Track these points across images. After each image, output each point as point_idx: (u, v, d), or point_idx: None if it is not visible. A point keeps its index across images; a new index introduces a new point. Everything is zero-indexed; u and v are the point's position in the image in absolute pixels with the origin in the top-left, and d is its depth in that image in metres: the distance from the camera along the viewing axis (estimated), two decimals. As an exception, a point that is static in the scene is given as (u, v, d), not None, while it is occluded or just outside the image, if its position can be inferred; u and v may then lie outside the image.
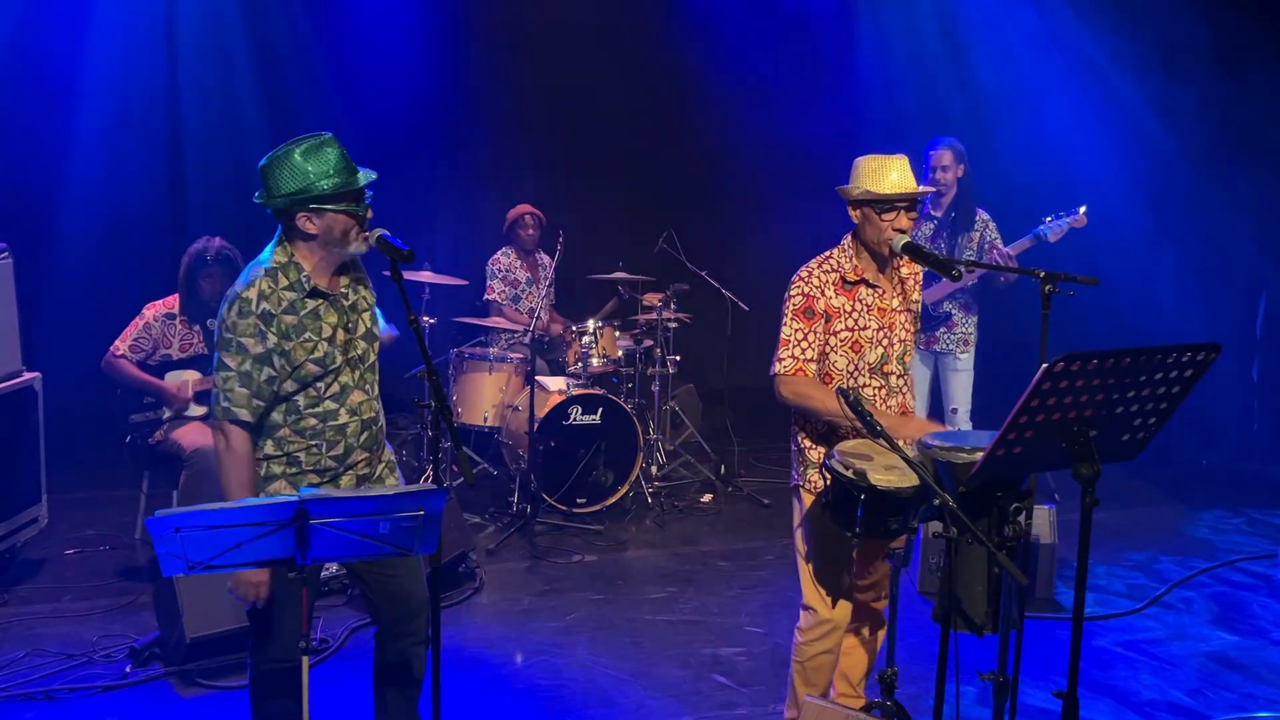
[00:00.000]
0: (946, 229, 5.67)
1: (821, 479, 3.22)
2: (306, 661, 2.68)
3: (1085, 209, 5.42)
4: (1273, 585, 5.47)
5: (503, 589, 5.16)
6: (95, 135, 7.15)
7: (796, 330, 3.34)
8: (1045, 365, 2.37)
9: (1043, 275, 3.05)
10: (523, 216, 7.09)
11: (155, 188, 7.38)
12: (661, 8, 8.43)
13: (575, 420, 6.12)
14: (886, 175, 3.28)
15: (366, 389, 3.08)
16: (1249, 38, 7.87)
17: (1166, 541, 6.09)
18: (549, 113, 8.45)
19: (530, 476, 5.96)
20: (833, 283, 3.35)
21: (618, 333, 6.73)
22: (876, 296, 3.38)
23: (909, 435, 3.19)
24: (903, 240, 3.26)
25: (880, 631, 3.60)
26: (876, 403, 3.39)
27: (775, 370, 3.36)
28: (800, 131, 8.24)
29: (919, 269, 3.51)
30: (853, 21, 8.74)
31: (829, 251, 3.42)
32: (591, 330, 6.47)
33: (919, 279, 3.55)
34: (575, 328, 6.58)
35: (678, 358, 6.95)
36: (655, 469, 6.81)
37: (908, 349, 3.47)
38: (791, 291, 3.37)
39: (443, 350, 6.85)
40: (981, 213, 5.67)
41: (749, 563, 5.58)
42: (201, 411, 5.13)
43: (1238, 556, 5.83)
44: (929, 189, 3.64)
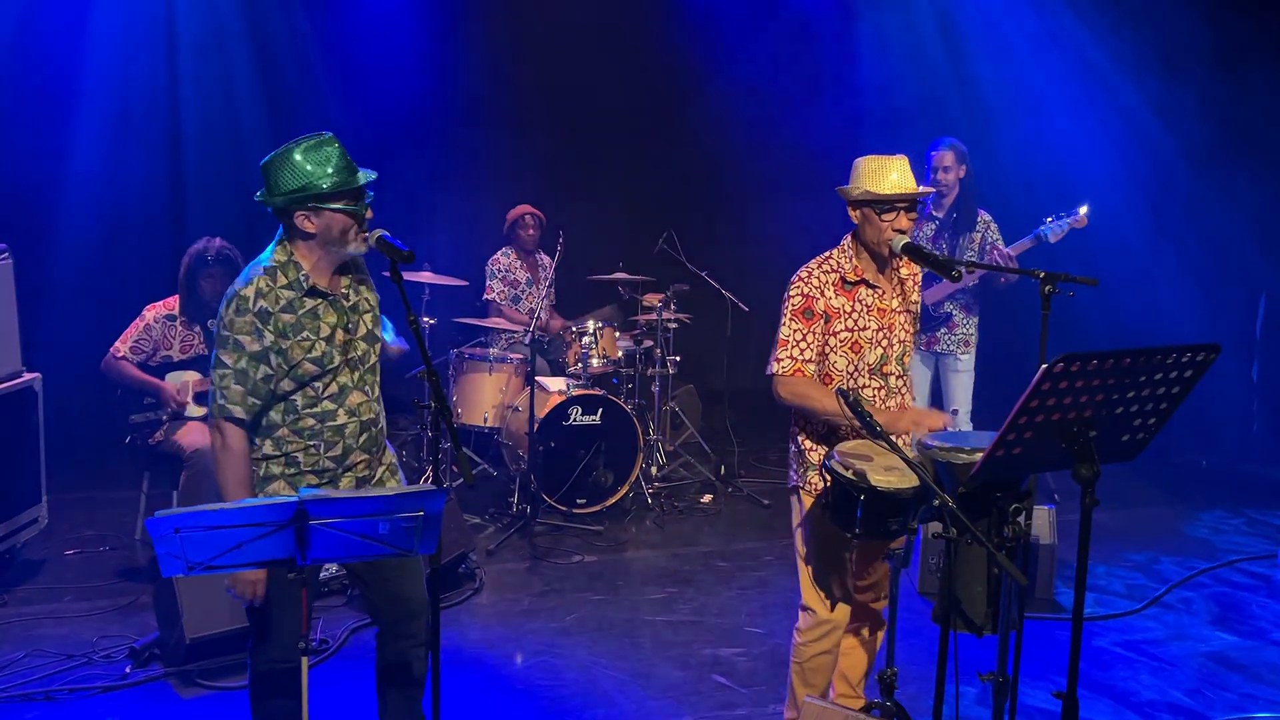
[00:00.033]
0: (948, 229, 5.66)
1: (821, 480, 3.22)
2: (306, 662, 2.68)
3: (1086, 209, 5.41)
4: (1272, 586, 5.47)
5: (502, 590, 5.16)
6: (95, 135, 7.15)
7: (795, 330, 3.33)
8: (1045, 366, 2.37)
9: (1042, 276, 3.05)
10: (523, 217, 7.09)
11: (155, 188, 7.38)
12: (661, 8, 8.43)
13: (575, 421, 6.12)
14: (886, 176, 3.27)
15: (366, 390, 3.08)
16: (1249, 38, 7.87)
17: (1166, 542, 6.09)
18: (549, 113, 8.45)
19: (530, 477, 5.96)
20: (832, 283, 3.35)
21: (618, 333, 6.73)
22: (876, 297, 3.38)
23: (905, 427, 3.19)
24: (903, 241, 3.26)
25: (880, 632, 3.60)
26: (876, 403, 3.38)
27: (773, 370, 3.36)
28: (800, 132, 8.25)
29: (918, 269, 3.51)
30: (852, 22, 8.75)
31: (828, 252, 3.42)
32: (591, 331, 6.47)
33: (918, 279, 3.55)
34: (575, 328, 6.58)
35: (678, 358, 6.95)
36: (655, 470, 6.81)
37: (907, 350, 3.47)
38: (791, 292, 3.37)
39: (443, 351, 6.85)
40: (983, 213, 5.66)
41: (749, 563, 5.58)
42: (201, 412, 5.13)
43: (1237, 557, 5.83)
44: (929, 189, 3.64)
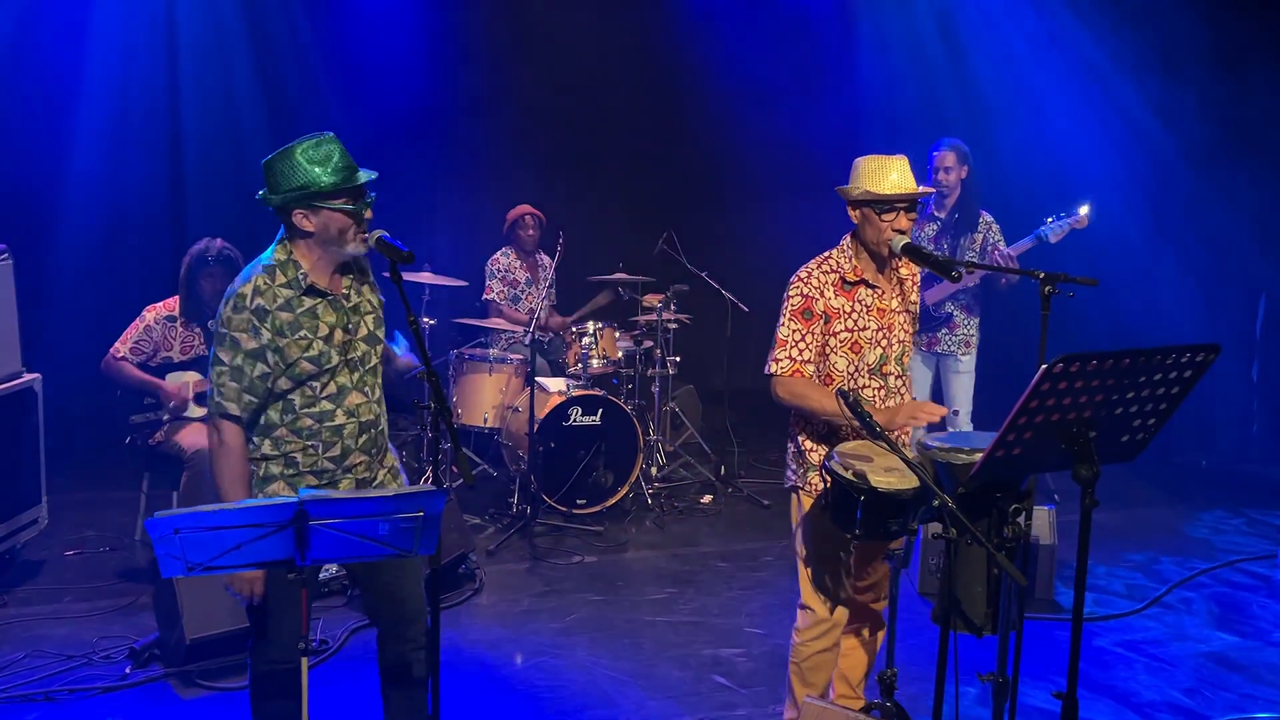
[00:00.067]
0: (950, 230, 5.65)
1: (821, 480, 3.22)
2: (306, 662, 2.68)
3: (1087, 210, 5.40)
4: (1272, 586, 5.47)
5: (502, 590, 5.16)
6: (95, 136, 7.15)
7: (794, 331, 3.33)
8: (1044, 366, 2.37)
9: (1042, 276, 3.05)
10: (523, 217, 7.08)
11: (155, 188, 7.38)
12: (662, 8, 8.43)
13: (575, 421, 6.12)
14: (886, 176, 3.27)
15: (366, 392, 3.07)
16: (1249, 38, 7.87)
17: (1166, 542, 6.09)
18: (549, 113, 8.45)
19: (530, 478, 5.96)
20: (832, 283, 3.35)
21: (618, 334, 6.73)
22: (876, 297, 3.38)
23: (903, 420, 3.19)
24: (902, 241, 3.26)
25: (880, 633, 3.60)
26: (875, 403, 3.38)
27: (771, 370, 3.35)
28: (800, 132, 8.25)
29: (918, 269, 3.51)
30: (852, 22, 8.75)
31: (828, 252, 3.42)
32: (591, 331, 6.47)
33: (917, 279, 3.55)
34: (575, 328, 6.58)
35: (678, 359, 6.95)
36: (655, 470, 6.81)
37: (906, 350, 3.47)
38: (790, 292, 3.37)
39: (443, 351, 6.85)
40: (985, 214, 5.64)
41: (749, 564, 5.58)
42: (202, 412, 5.13)
43: (1237, 557, 5.83)
44: (928, 190, 3.64)
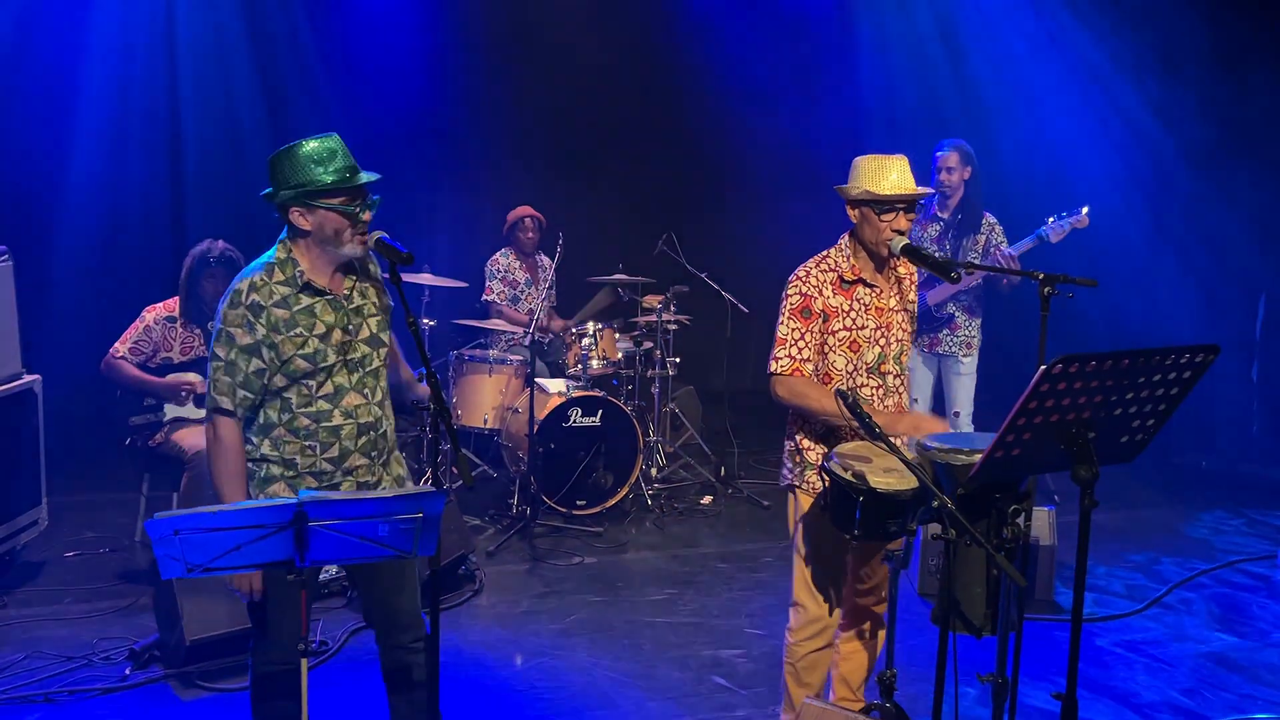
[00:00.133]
0: (953, 231, 5.65)
1: (820, 481, 3.22)
2: (306, 664, 2.68)
3: (1088, 209, 5.41)
4: (1272, 586, 5.47)
5: (502, 591, 5.16)
6: (95, 136, 7.16)
7: (793, 330, 3.33)
8: (1044, 367, 2.37)
9: (1041, 277, 3.05)
10: (523, 219, 7.07)
11: (155, 190, 7.39)
12: (661, 8, 8.43)
13: (575, 422, 6.12)
14: (886, 176, 3.27)
15: (366, 394, 3.06)
16: (1249, 38, 7.88)
17: (1166, 543, 6.09)
18: (549, 114, 8.46)
19: (530, 479, 5.96)
20: (830, 282, 3.35)
21: (617, 335, 6.73)
22: (874, 296, 3.38)
23: (904, 431, 3.19)
24: (901, 242, 3.26)
25: (880, 635, 3.60)
26: (874, 402, 3.38)
27: (772, 369, 3.36)
28: (800, 132, 8.26)
29: (915, 269, 3.51)
30: (852, 22, 8.76)
31: (826, 251, 3.42)
32: (591, 332, 6.47)
33: (915, 279, 3.55)
34: (575, 329, 6.58)
35: (677, 360, 6.95)
36: (655, 471, 6.81)
37: (904, 348, 3.46)
38: (789, 291, 3.37)
39: (442, 352, 6.85)
40: (988, 216, 5.61)
41: (749, 565, 5.58)
42: (202, 414, 5.11)
43: (1237, 558, 5.83)
44: (928, 190, 3.64)
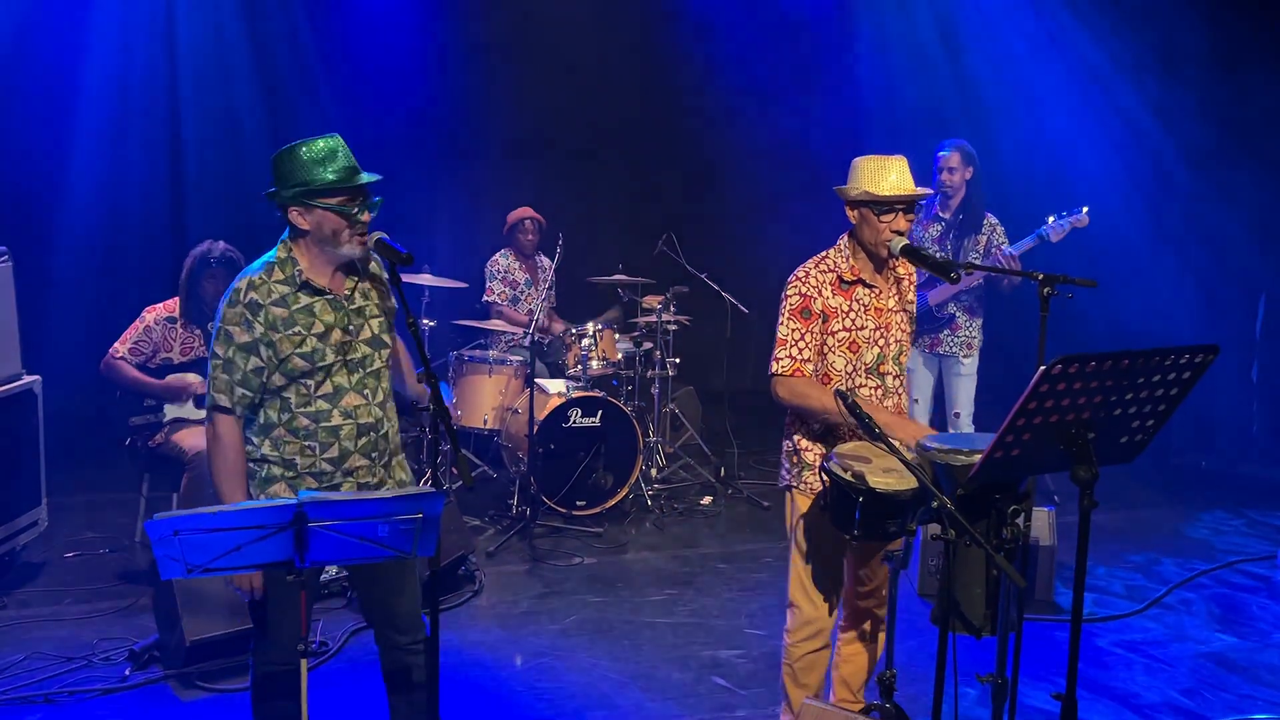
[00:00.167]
0: (954, 231, 5.64)
1: (820, 481, 3.22)
2: (305, 664, 2.68)
3: (1088, 209, 5.41)
4: (1272, 587, 5.47)
5: (502, 591, 5.16)
6: (95, 135, 7.16)
7: (794, 330, 3.33)
8: (1043, 367, 2.37)
9: (1041, 277, 3.05)
10: (523, 221, 7.07)
11: (155, 189, 7.39)
12: (662, 9, 8.44)
13: (575, 423, 6.12)
14: (885, 176, 3.27)
15: (366, 394, 3.06)
16: (1249, 38, 7.88)
17: (1166, 543, 6.08)
18: (549, 115, 8.45)
19: (530, 479, 5.96)
20: (829, 283, 3.35)
21: (617, 335, 6.73)
22: (873, 296, 3.38)
23: (906, 439, 3.19)
24: (901, 243, 3.26)
25: (880, 636, 3.59)
26: (874, 402, 3.38)
27: (773, 370, 3.36)
28: (800, 133, 8.25)
29: (915, 269, 3.51)
30: (852, 23, 8.75)
31: (825, 252, 3.42)
32: (591, 333, 6.47)
33: (914, 279, 3.55)
34: (575, 330, 6.58)
35: (677, 360, 6.95)
36: (655, 471, 6.81)
37: (904, 349, 3.46)
38: (788, 291, 3.37)
39: (442, 353, 6.85)
40: (990, 216, 5.61)
41: (748, 565, 5.58)
42: (203, 414, 5.11)
43: (1237, 558, 5.83)
44: (927, 191, 3.64)
